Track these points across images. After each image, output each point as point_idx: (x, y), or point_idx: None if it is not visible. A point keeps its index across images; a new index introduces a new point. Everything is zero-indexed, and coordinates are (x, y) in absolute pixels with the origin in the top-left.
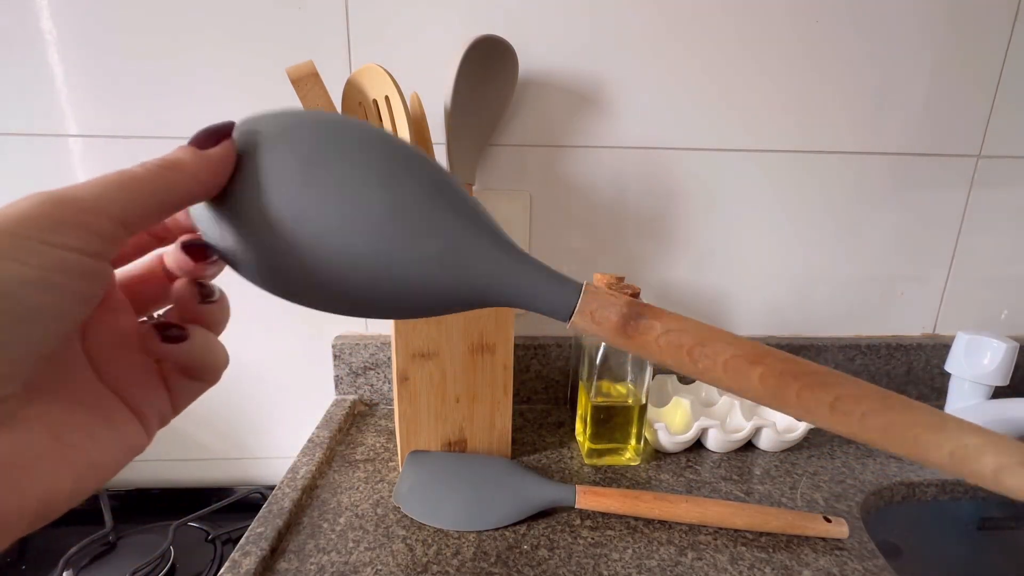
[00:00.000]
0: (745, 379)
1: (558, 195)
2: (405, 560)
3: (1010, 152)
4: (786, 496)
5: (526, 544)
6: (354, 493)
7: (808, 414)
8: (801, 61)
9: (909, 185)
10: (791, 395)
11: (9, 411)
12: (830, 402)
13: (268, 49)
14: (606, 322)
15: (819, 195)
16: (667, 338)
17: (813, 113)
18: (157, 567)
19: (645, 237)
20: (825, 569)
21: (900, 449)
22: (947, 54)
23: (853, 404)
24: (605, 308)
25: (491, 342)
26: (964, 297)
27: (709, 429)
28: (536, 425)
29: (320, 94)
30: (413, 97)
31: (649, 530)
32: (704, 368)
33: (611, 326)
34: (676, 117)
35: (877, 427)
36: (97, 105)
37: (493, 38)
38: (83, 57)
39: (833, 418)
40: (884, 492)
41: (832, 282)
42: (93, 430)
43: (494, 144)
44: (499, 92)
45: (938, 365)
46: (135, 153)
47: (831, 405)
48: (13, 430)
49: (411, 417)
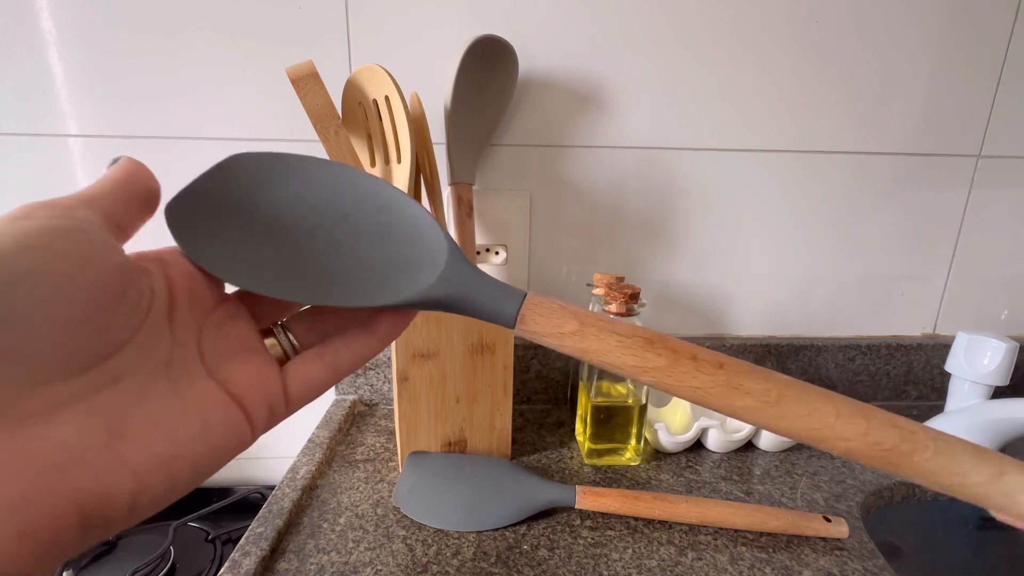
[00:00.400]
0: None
1: (558, 195)
2: (405, 560)
3: (1010, 152)
4: (786, 496)
5: (526, 544)
6: (354, 493)
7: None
8: (801, 61)
9: (909, 185)
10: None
11: (53, 402)
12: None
13: (268, 49)
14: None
15: (819, 195)
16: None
17: (813, 113)
18: (157, 567)
19: (645, 237)
20: (825, 569)
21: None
22: (947, 54)
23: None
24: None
25: (491, 342)
26: (964, 297)
27: (709, 429)
28: (536, 425)
29: (320, 94)
30: (413, 97)
31: (649, 530)
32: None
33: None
34: (676, 117)
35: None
36: (97, 105)
37: (493, 38)
38: (83, 57)
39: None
40: (884, 492)
41: (832, 282)
42: (170, 422)
43: (494, 144)
44: (499, 92)
45: (938, 365)
46: (135, 153)
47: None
48: (50, 422)
49: (411, 417)
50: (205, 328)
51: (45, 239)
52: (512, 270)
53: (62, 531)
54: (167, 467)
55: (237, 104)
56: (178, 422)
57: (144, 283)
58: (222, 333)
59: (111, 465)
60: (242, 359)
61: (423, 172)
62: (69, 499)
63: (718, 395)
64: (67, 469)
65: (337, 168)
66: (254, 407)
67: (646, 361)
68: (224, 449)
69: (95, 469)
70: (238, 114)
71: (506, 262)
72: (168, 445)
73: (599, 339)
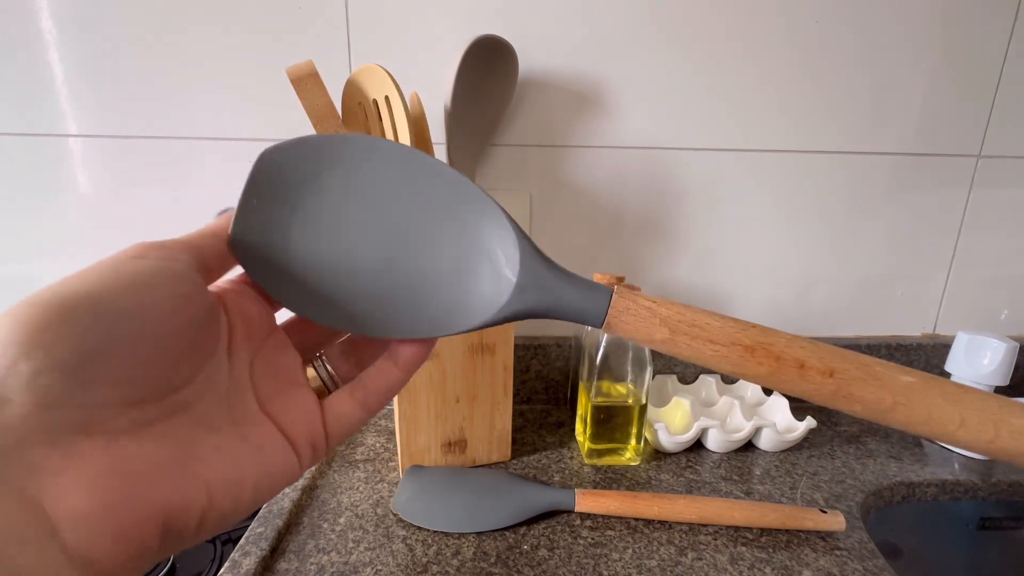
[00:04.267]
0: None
1: (558, 195)
2: (405, 560)
3: (1010, 152)
4: (786, 496)
5: (526, 544)
6: (354, 493)
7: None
8: (801, 61)
9: (909, 185)
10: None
11: (137, 420)
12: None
13: (268, 49)
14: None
15: (819, 195)
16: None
17: (813, 113)
18: (157, 567)
19: (645, 237)
20: (825, 569)
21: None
22: (947, 54)
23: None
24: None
25: (491, 342)
26: (964, 297)
27: (709, 429)
28: (536, 425)
29: (320, 94)
30: (413, 97)
31: (649, 530)
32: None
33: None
34: (676, 117)
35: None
36: (97, 105)
37: (493, 38)
38: (83, 57)
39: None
40: (884, 492)
41: (832, 282)
42: (232, 449)
43: (494, 144)
44: (499, 92)
45: (938, 365)
46: (135, 153)
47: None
48: (141, 439)
49: (411, 417)
50: (256, 360)
51: (155, 279)
52: None
53: (147, 538)
54: (233, 489)
55: (237, 104)
56: (239, 451)
57: (221, 321)
58: (271, 366)
59: (188, 481)
60: (289, 394)
61: None
62: (154, 508)
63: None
64: (153, 481)
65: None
66: (300, 443)
67: (744, 371)
68: (278, 479)
69: (175, 483)
70: (238, 114)
71: None
72: (232, 470)
73: (691, 348)
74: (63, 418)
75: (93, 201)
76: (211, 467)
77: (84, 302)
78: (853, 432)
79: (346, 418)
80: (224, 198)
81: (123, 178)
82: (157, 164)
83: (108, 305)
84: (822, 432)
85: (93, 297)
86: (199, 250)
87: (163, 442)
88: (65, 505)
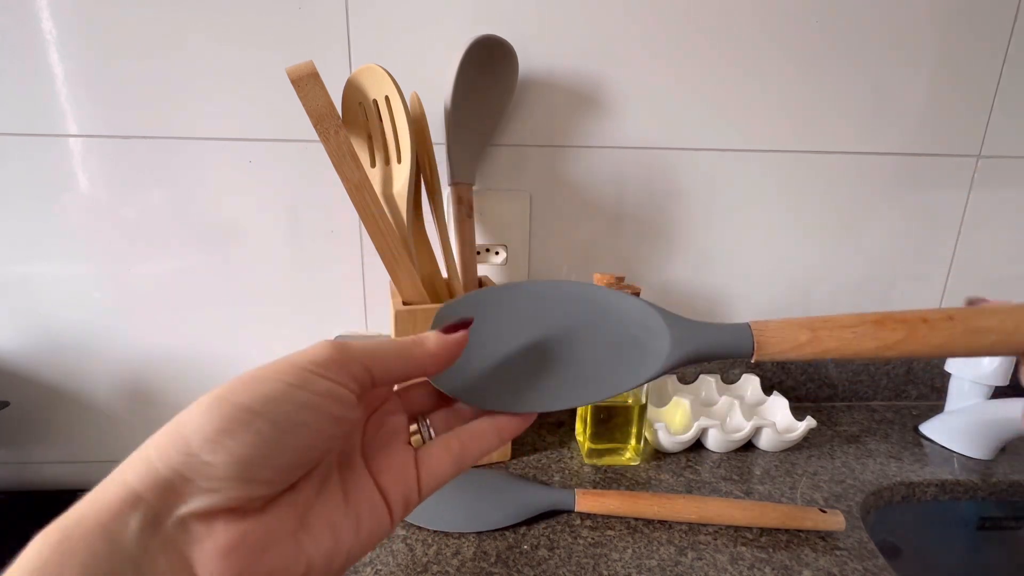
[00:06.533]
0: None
1: (558, 195)
2: (405, 560)
3: (1010, 152)
4: (786, 496)
5: (526, 544)
6: None
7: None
8: (801, 61)
9: (909, 185)
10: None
11: (269, 500)
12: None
13: (268, 49)
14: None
15: (819, 195)
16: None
17: (813, 113)
18: None
19: (645, 237)
20: (825, 569)
21: None
22: (947, 54)
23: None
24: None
25: None
26: (964, 297)
27: (709, 429)
28: (536, 425)
29: (320, 94)
30: (413, 97)
31: (649, 530)
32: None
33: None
34: (676, 117)
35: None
36: (97, 105)
37: (493, 38)
38: (83, 57)
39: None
40: (884, 492)
41: (832, 282)
42: (336, 520)
43: (494, 144)
44: (499, 92)
45: (938, 365)
46: (135, 153)
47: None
48: (266, 513)
49: None
50: (371, 420)
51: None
52: (512, 270)
53: None
54: (329, 556)
55: (237, 104)
56: (342, 522)
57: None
58: (382, 427)
59: (294, 552)
60: (391, 452)
61: (423, 172)
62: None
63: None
64: (266, 551)
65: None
66: (395, 499)
67: (885, 340)
68: (369, 543)
69: (283, 554)
70: (238, 114)
71: (506, 262)
72: (332, 541)
73: (834, 337)
74: (220, 502)
75: (93, 201)
76: (315, 539)
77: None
78: (853, 432)
79: (439, 473)
80: (224, 198)
81: (123, 178)
82: (157, 164)
83: (282, 421)
84: (822, 432)
85: (273, 409)
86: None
87: (283, 512)
88: (206, 569)
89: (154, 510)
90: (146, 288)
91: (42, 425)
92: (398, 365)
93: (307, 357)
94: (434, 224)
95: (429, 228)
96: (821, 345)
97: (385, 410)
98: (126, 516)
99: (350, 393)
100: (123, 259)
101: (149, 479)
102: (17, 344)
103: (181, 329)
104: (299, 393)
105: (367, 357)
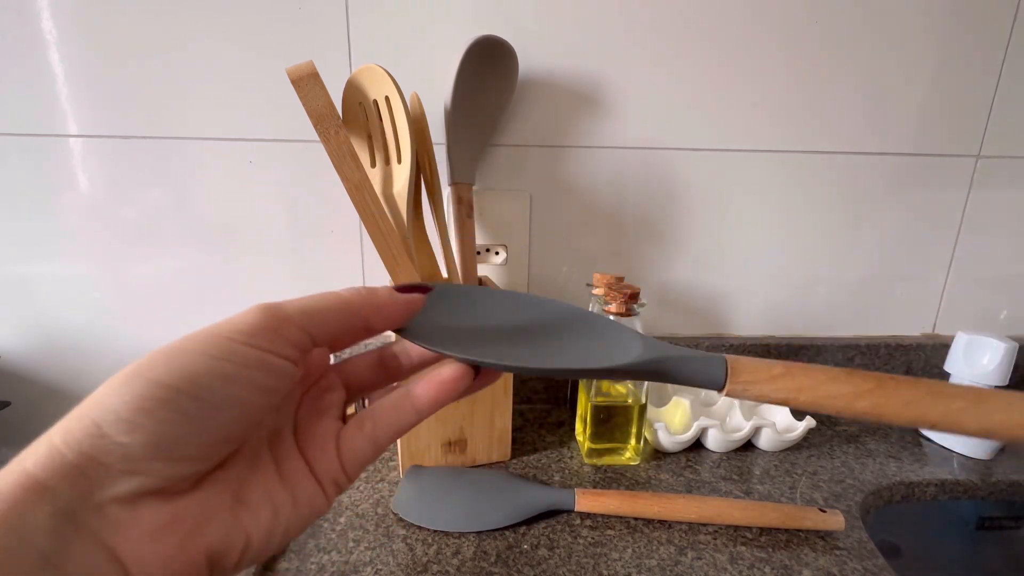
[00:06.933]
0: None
1: (558, 195)
2: (405, 560)
3: (1010, 152)
4: (786, 496)
5: (526, 544)
6: (354, 493)
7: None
8: (801, 61)
9: (909, 185)
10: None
11: (200, 478)
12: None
13: (268, 49)
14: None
15: (819, 195)
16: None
17: (813, 113)
18: None
19: (645, 237)
20: (825, 569)
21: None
22: (947, 54)
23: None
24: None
25: None
26: (964, 297)
27: (709, 429)
28: (536, 425)
29: (320, 94)
30: (413, 97)
31: (649, 530)
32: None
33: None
34: (676, 117)
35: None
36: (97, 105)
37: (493, 38)
38: (83, 57)
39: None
40: (884, 492)
41: (832, 282)
42: (273, 493)
43: (494, 144)
44: (499, 92)
45: (938, 365)
46: (135, 153)
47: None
48: (199, 490)
49: None
50: (307, 395)
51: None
52: (512, 270)
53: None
54: (268, 530)
55: (237, 104)
56: (277, 495)
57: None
58: (316, 406)
59: (232, 526)
60: (319, 431)
61: (423, 172)
62: (203, 552)
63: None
64: (203, 528)
65: (523, 297)
66: (326, 480)
67: (858, 386)
68: (307, 518)
69: (221, 528)
70: (238, 114)
71: (506, 262)
72: (270, 513)
73: (807, 374)
74: (143, 485)
75: (93, 201)
76: (253, 511)
77: (187, 389)
78: (852, 432)
79: (357, 453)
80: (224, 198)
81: (123, 178)
82: (157, 164)
83: (207, 396)
84: (821, 432)
85: (195, 385)
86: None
87: (216, 488)
88: (133, 555)
89: (65, 499)
90: (146, 288)
91: (43, 425)
92: (339, 320)
93: (232, 326)
94: (434, 224)
95: (429, 228)
96: (795, 380)
97: (322, 386)
98: (32, 508)
99: (284, 361)
100: (123, 259)
101: (53, 467)
102: (17, 344)
103: (181, 329)
104: (223, 365)
105: (303, 316)
